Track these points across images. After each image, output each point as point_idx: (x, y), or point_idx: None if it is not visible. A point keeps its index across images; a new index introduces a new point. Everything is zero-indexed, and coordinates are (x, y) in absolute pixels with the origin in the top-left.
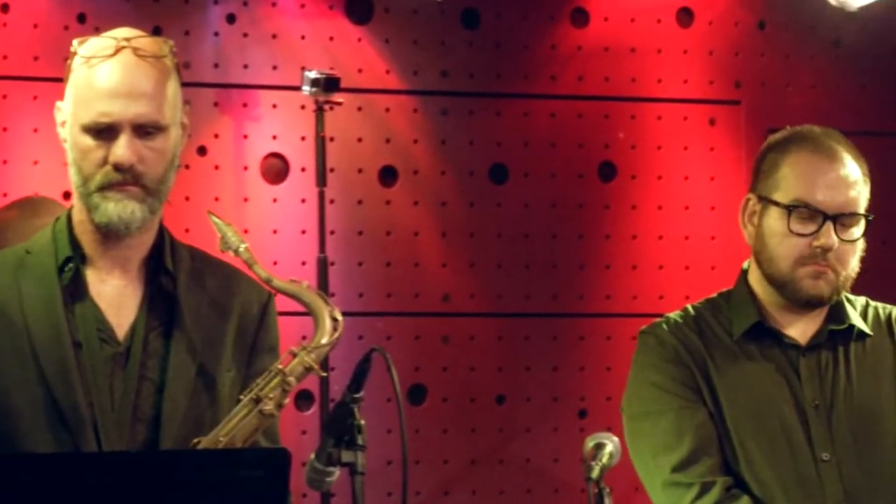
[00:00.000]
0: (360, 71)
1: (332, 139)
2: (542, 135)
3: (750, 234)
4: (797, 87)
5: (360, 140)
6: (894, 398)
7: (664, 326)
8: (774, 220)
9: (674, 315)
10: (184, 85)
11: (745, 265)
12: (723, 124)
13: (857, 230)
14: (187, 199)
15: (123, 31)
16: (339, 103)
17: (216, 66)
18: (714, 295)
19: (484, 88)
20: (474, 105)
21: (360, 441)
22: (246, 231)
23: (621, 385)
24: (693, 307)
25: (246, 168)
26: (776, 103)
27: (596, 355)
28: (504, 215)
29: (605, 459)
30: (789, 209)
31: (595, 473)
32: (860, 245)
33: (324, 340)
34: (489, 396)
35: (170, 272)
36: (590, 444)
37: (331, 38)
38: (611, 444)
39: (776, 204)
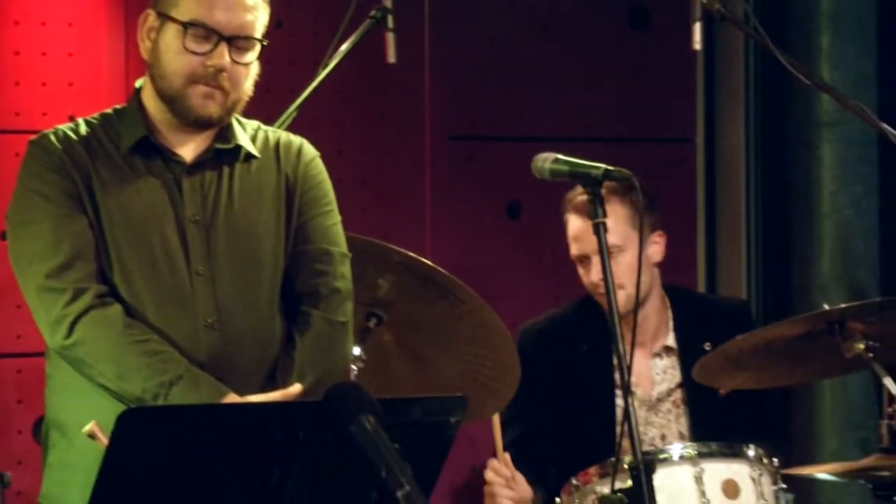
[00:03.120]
0: None
1: None
2: None
3: (146, 50)
4: None
5: None
6: (274, 218)
7: (52, 137)
8: (171, 36)
9: (63, 127)
10: None
11: (138, 83)
12: None
13: (252, 54)
14: None
15: None
16: None
17: None
18: (109, 110)
19: None
20: None
21: None
22: None
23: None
24: (84, 120)
25: None
26: None
27: None
28: None
29: None
30: (186, 27)
31: None
32: (254, 69)
33: None
34: None
35: None
36: None
37: None
38: None
39: (174, 21)
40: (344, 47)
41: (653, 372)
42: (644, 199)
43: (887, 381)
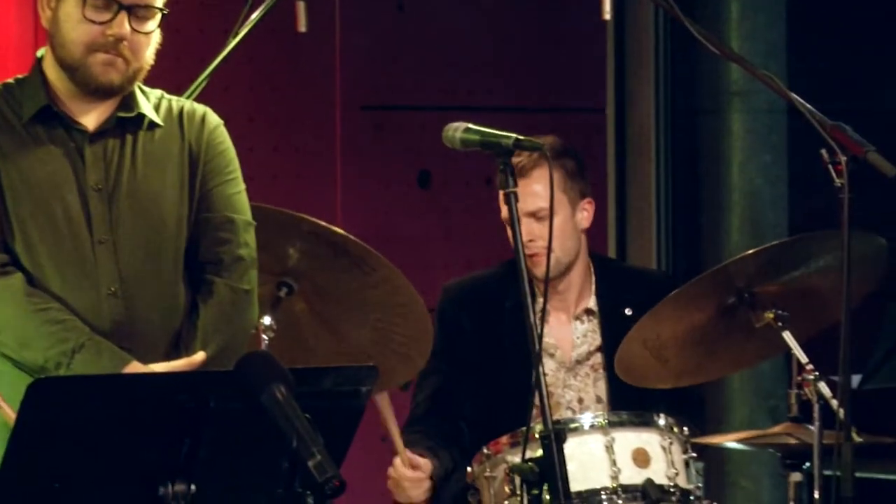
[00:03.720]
0: None
1: None
2: None
3: (47, 19)
4: None
5: None
6: (178, 186)
7: None
8: (71, 6)
9: None
10: None
11: (40, 52)
12: None
13: (153, 23)
14: None
15: None
16: None
17: None
18: (10, 80)
19: None
20: None
21: None
22: None
23: None
24: None
25: None
26: None
27: None
28: None
29: None
30: None
31: None
32: (155, 38)
33: None
34: None
35: None
36: None
37: None
38: None
39: None
40: (254, 16)
41: (573, 335)
42: (574, 166)
43: (796, 350)
